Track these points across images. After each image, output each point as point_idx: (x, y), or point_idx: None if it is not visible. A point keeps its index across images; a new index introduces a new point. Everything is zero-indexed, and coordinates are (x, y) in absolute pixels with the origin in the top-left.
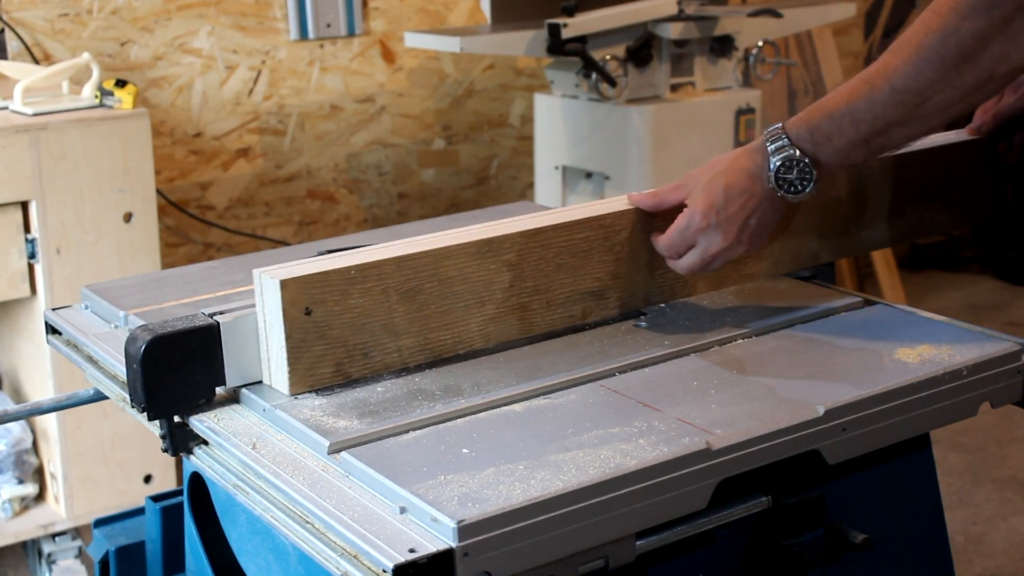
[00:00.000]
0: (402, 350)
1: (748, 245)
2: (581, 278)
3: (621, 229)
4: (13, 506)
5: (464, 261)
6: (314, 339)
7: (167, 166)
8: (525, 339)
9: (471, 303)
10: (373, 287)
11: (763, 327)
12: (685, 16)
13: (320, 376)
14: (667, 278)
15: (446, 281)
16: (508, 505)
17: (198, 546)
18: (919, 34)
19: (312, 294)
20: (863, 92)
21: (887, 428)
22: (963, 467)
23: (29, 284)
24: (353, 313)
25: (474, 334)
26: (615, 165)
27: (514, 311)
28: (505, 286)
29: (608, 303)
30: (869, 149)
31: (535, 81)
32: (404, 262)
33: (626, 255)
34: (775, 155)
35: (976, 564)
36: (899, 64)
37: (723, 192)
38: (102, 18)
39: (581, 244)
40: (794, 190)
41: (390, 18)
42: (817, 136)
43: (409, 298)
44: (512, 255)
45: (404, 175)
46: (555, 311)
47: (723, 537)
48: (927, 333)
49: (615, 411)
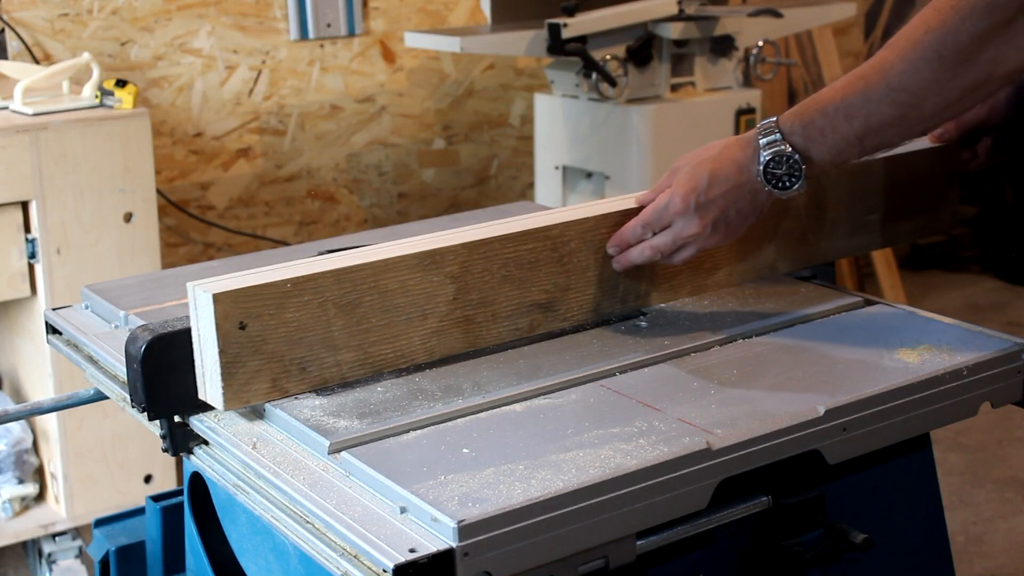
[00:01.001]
0: (341, 364)
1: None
2: (528, 290)
3: (569, 240)
4: (13, 506)
5: (405, 274)
6: (249, 354)
7: (167, 166)
8: (525, 339)
9: (413, 316)
10: (310, 301)
11: (763, 327)
12: (685, 16)
13: (256, 392)
14: (618, 289)
15: (387, 294)
16: (508, 505)
17: (198, 546)
18: (918, 31)
19: (246, 308)
20: (858, 88)
21: (887, 428)
22: (963, 467)
23: (29, 284)
24: (290, 327)
25: (417, 348)
26: (615, 165)
27: (458, 324)
28: (448, 299)
29: (557, 315)
30: (863, 148)
31: (535, 81)
32: (342, 275)
33: (575, 266)
34: (766, 149)
35: (976, 564)
36: (896, 61)
37: (708, 178)
38: (102, 18)
39: (527, 255)
40: (781, 186)
41: (390, 18)
42: (810, 131)
43: (348, 312)
44: (455, 267)
45: (404, 175)
46: (501, 324)
47: (723, 537)
48: (927, 333)
49: (615, 411)
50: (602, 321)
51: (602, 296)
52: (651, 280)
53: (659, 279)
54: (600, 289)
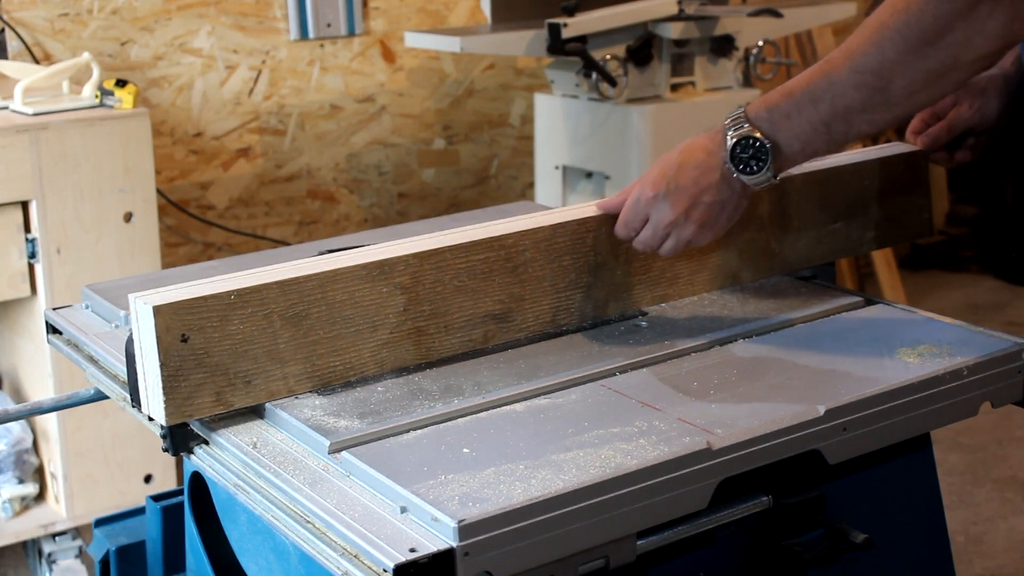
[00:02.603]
0: (288, 377)
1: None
2: (481, 301)
3: (524, 249)
4: (13, 506)
5: (353, 285)
6: (192, 367)
7: (167, 166)
8: (525, 339)
9: (362, 328)
10: (255, 312)
11: (763, 327)
12: (685, 16)
13: (199, 405)
14: (575, 299)
15: (334, 306)
16: (508, 505)
17: (198, 546)
18: (884, 14)
19: (188, 320)
20: (823, 71)
21: (887, 428)
22: (963, 467)
23: (29, 284)
24: (234, 340)
25: (366, 360)
26: (615, 165)
27: (409, 336)
28: (399, 310)
29: (512, 326)
30: (830, 135)
31: (535, 81)
32: (288, 286)
33: (530, 276)
34: (732, 134)
35: (976, 564)
36: (860, 43)
37: (676, 165)
38: (102, 18)
39: (480, 265)
40: (749, 170)
41: (390, 18)
42: (775, 116)
43: (295, 323)
44: (406, 278)
45: (404, 175)
46: (454, 335)
47: (723, 537)
48: (927, 333)
49: (615, 411)
50: (602, 321)
51: (559, 306)
52: (609, 290)
53: (617, 289)
54: (556, 299)
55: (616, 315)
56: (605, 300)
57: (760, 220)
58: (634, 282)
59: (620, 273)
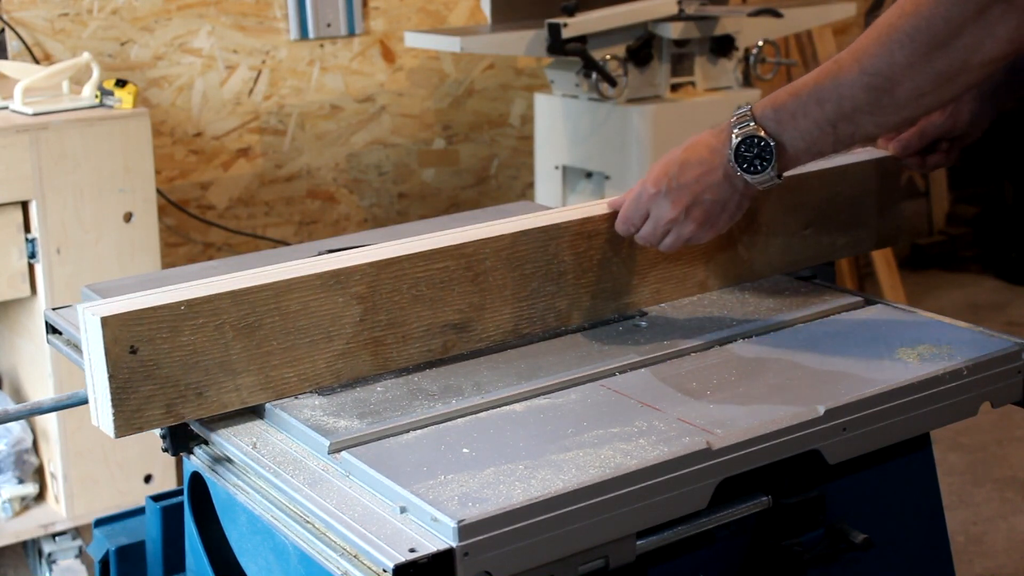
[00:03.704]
0: (241, 389)
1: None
2: (440, 310)
3: (484, 258)
4: (13, 506)
5: (308, 294)
6: (141, 379)
7: (167, 166)
8: (525, 339)
9: (318, 338)
10: (207, 323)
11: (763, 327)
12: (685, 16)
13: (149, 418)
14: (538, 308)
15: (289, 316)
16: (508, 505)
17: (198, 546)
18: (892, 16)
19: (138, 332)
20: (831, 71)
21: (887, 428)
22: (963, 467)
23: (29, 284)
24: (185, 351)
25: (322, 371)
26: (615, 165)
27: (366, 346)
28: (355, 320)
29: (473, 336)
30: (836, 136)
31: (535, 81)
32: (241, 296)
33: (491, 285)
34: (737, 132)
35: (976, 564)
36: (869, 45)
37: (679, 163)
38: (102, 18)
39: (439, 275)
40: (752, 169)
41: (390, 18)
42: (781, 115)
43: (248, 334)
44: (362, 287)
45: (404, 175)
46: (412, 345)
47: (723, 537)
48: (927, 333)
49: (615, 411)
50: (602, 321)
51: (520, 315)
52: (572, 298)
53: (582, 298)
54: (518, 308)
55: (615, 315)
56: (568, 309)
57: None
58: (598, 290)
59: (584, 281)
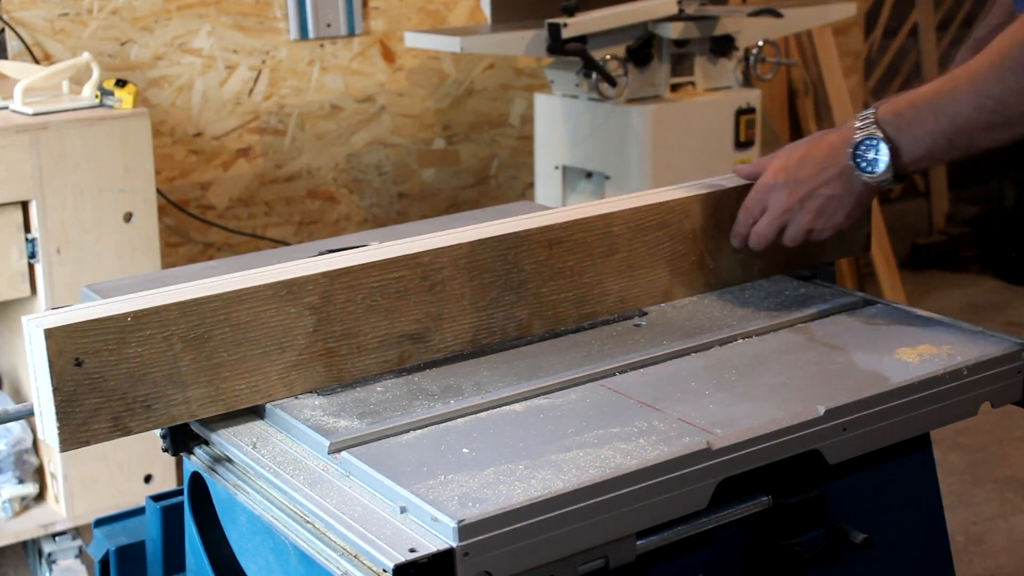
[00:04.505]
0: (191, 402)
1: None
2: (396, 320)
3: (441, 267)
4: (13, 506)
5: (259, 305)
6: (87, 392)
7: (167, 166)
8: (525, 339)
9: (270, 350)
10: (154, 335)
11: (763, 327)
12: (685, 16)
13: (95, 432)
14: (497, 317)
15: (239, 327)
16: (508, 505)
17: (198, 546)
18: (1007, 43)
19: (83, 344)
20: (946, 88)
21: (887, 428)
22: (963, 467)
23: (29, 284)
24: (132, 363)
25: (274, 383)
26: (615, 165)
27: (320, 357)
28: (308, 331)
29: (430, 346)
30: (952, 145)
31: (535, 81)
32: (189, 307)
33: (449, 294)
34: (859, 132)
35: (976, 564)
36: (983, 69)
37: (799, 157)
38: (102, 18)
39: (395, 284)
40: (870, 169)
41: (390, 18)
42: (900, 122)
43: (197, 346)
44: (315, 297)
45: (404, 175)
46: (368, 356)
47: (723, 537)
48: (927, 333)
49: (615, 411)
50: (602, 321)
51: (479, 325)
52: (533, 308)
53: (543, 307)
54: (477, 317)
55: (615, 315)
56: (529, 318)
57: (694, 235)
58: (560, 299)
59: (546, 290)
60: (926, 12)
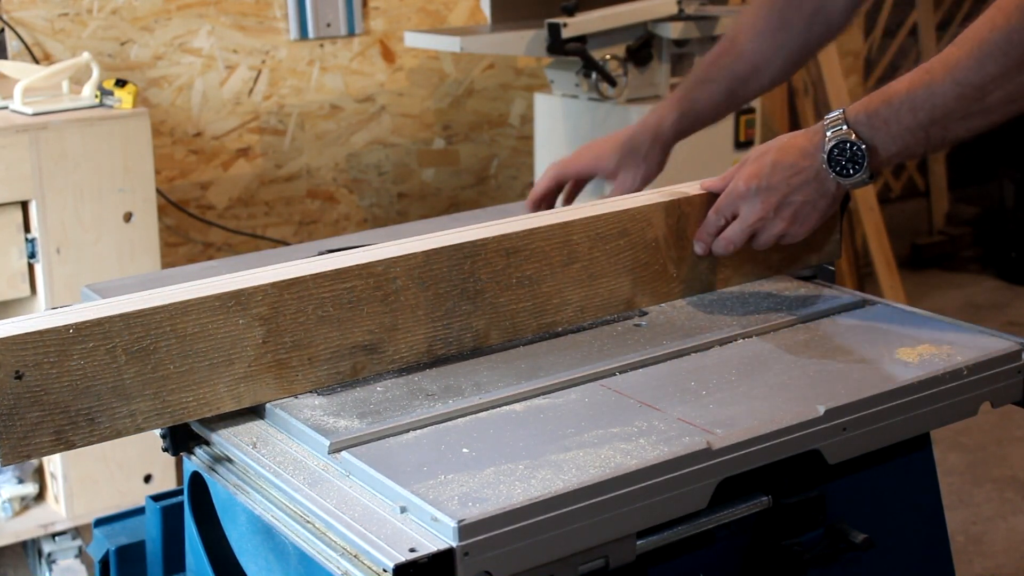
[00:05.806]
0: (136, 415)
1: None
2: (349, 331)
3: (395, 277)
4: (13, 506)
5: (206, 316)
6: (27, 405)
7: (167, 166)
8: (524, 339)
9: (217, 362)
10: (97, 347)
11: (763, 327)
12: (685, 16)
13: (38, 445)
14: (453, 328)
15: (186, 339)
16: (508, 505)
17: (198, 546)
18: (983, 29)
19: (23, 356)
20: (923, 81)
21: (887, 428)
22: (963, 467)
23: (29, 284)
24: (74, 376)
25: (223, 395)
26: None
27: (270, 369)
28: (257, 342)
29: (384, 357)
30: (928, 139)
31: (535, 81)
32: (133, 319)
33: (403, 305)
34: (831, 136)
35: (976, 564)
36: (961, 57)
37: (771, 163)
38: (102, 18)
39: (347, 295)
40: (845, 172)
41: (390, 18)
42: (875, 121)
43: (142, 358)
44: (264, 308)
45: (404, 175)
46: (320, 368)
47: (723, 537)
48: (927, 333)
49: (615, 411)
50: (602, 321)
51: (435, 335)
52: (490, 318)
53: (501, 317)
54: (432, 328)
55: (615, 315)
56: (487, 328)
57: (656, 243)
58: (519, 309)
59: (503, 300)
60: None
